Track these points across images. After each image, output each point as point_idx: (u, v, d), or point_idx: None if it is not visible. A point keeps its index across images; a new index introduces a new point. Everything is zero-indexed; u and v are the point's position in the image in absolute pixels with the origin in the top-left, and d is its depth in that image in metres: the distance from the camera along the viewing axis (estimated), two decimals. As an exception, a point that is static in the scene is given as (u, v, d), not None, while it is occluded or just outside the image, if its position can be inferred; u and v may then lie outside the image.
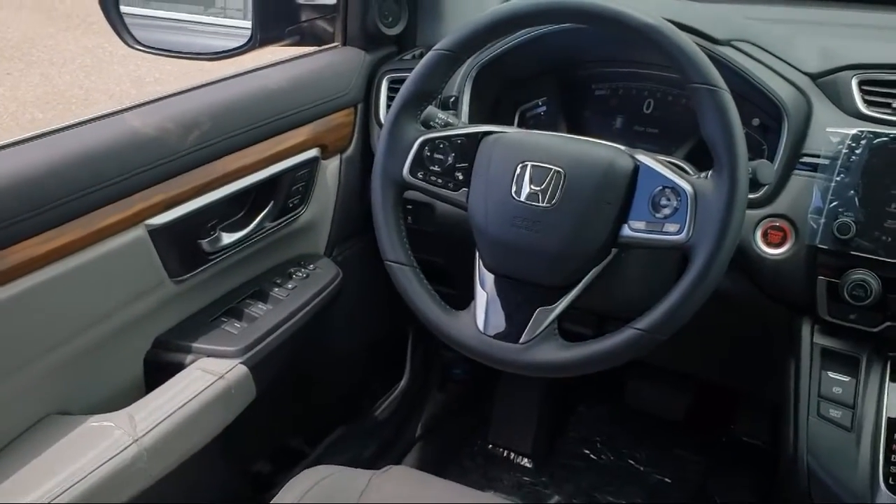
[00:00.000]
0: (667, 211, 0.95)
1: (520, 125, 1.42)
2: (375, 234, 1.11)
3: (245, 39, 1.34)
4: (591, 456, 1.95)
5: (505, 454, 1.96)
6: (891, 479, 1.01)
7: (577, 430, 2.01)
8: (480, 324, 1.04)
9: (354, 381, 1.79)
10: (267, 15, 1.34)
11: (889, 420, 1.05)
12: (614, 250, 1.00)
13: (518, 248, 1.01)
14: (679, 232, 0.94)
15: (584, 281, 1.00)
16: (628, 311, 1.00)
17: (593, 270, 1.00)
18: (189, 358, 1.18)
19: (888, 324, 1.05)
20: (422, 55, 1.47)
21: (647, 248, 0.99)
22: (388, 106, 1.43)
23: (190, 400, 1.10)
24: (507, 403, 1.97)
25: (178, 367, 1.16)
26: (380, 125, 1.45)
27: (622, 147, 1.02)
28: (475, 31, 1.05)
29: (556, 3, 1.00)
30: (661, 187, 0.96)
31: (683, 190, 0.94)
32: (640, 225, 0.97)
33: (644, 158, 0.99)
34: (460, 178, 1.07)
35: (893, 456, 1.02)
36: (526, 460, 1.93)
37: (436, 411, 1.95)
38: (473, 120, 1.31)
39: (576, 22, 1.05)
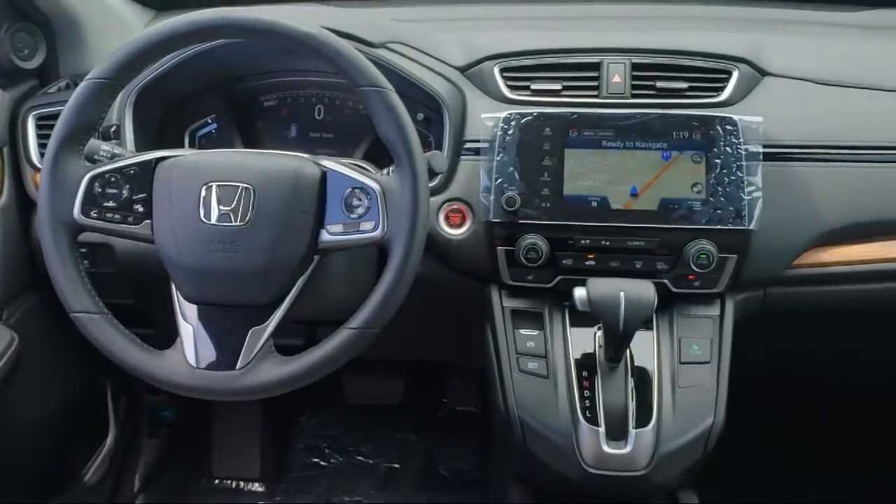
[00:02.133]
0: (360, 210, 0.99)
1: (191, 147, 1.37)
2: (53, 285, 1.01)
3: None
4: (321, 462, 1.96)
5: (234, 485, 1.89)
6: (587, 412, 1.15)
7: (302, 441, 2.00)
8: (191, 358, 1.00)
9: (55, 451, 1.61)
10: None
11: (576, 361, 1.19)
12: (317, 257, 1.02)
13: (219, 272, 0.99)
14: (375, 229, 0.98)
15: (292, 293, 1.01)
16: (340, 313, 1.03)
17: (300, 280, 1.01)
18: None
19: (560, 278, 1.19)
20: (69, 86, 1.37)
21: (348, 248, 1.02)
22: (40, 144, 1.31)
23: None
24: (227, 433, 1.91)
25: None
26: (33, 167, 1.31)
27: (305, 155, 1.04)
28: (132, 54, 1.00)
29: (213, 20, 0.99)
30: (350, 189, 0.99)
31: (372, 188, 0.98)
32: (338, 228, 1.00)
33: (329, 163, 1.01)
34: (140, 210, 1.02)
35: (586, 392, 1.16)
36: (256, 485, 1.89)
37: (152, 460, 1.83)
38: (140, 147, 1.25)
39: (235, 37, 1.04)
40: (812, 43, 1.39)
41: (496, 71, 1.25)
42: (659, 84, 1.22)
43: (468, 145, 1.22)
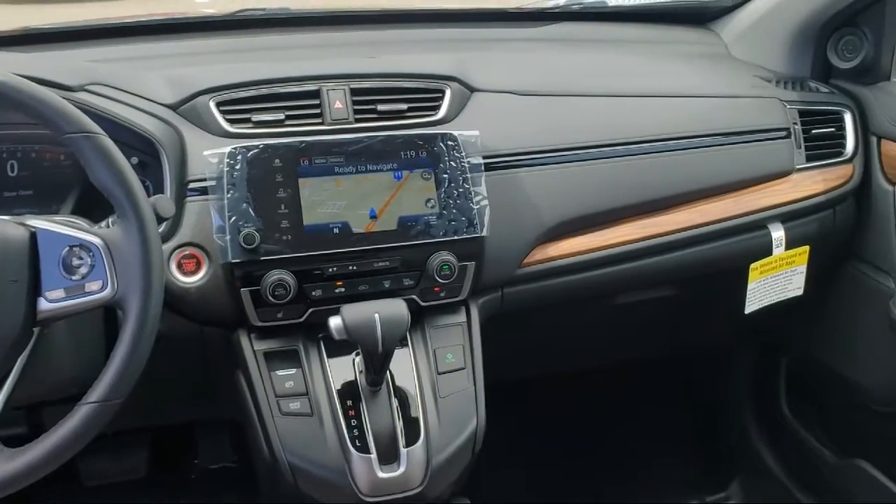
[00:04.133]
0: (83, 270, 0.90)
1: None
2: None
3: None
4: (65, 559, 1.74)
5: None
6: (356, 441, 1.13)
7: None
8: None
9: None
10: None
11: (338, 392, 1.16)
12: (37, 329, 0.90)
13: None
14: (103, 288, 0.90)
15: (12, 374, 0.89)
16: (72, 388, 0.93)
17: (19, 360, 0.90)
18: None
19: (311, 310, 1.16)
20: None
21: (75, 314, 0.92)
22: None
23: None
24: None
25: None
26: None
27: (6, 217, 0.92)
28: None
29: None
30: (68, 248, 0.90)
31: (93, 244, 0.90)
32: (58, 293, 0.89)
33: (38, 223, 0.90)
34: None
35: (353, 421, 1.14)
36: None
37: None
38: None
39: None
40: (511, 58, 1.50)
41: (212, 105, 1.20)
42: (380, 107, 1.24)
43: (193, 185, 1.15)
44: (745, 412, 1.98)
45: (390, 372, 1.17)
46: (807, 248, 1.50)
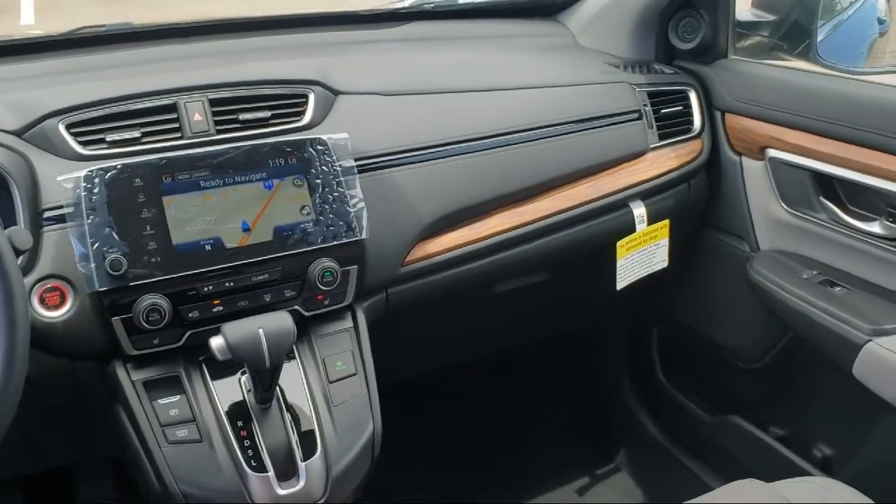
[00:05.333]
0: None
1: None
2: None
3: None
4: None
5: None
6: (252, 461, 1.10)
7: None
8: None
9: None
10: None
11: (227, 414, 1.12)
12: None
13: None
14: None
15: None
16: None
17: None
18: None
19: (189, 333, 1.12)
20: None
21: None
22: None
23: None
24: None
25: None
26: None
27: None
28: None
29: None
30: None
31: None
32: None
33: None
34: None
35: (246, 442, 1.11)
36: None
37: None
38: None
39: None
40: (371, 59, 1.50)
41: (61, 128, 1.13)
42: (242, 116, 1.21)
43: (49, 214, 1.09)
44: (623, 383, 2.07)
45: (280, 387, 1.14)
46: (667, 221, 1.58)
